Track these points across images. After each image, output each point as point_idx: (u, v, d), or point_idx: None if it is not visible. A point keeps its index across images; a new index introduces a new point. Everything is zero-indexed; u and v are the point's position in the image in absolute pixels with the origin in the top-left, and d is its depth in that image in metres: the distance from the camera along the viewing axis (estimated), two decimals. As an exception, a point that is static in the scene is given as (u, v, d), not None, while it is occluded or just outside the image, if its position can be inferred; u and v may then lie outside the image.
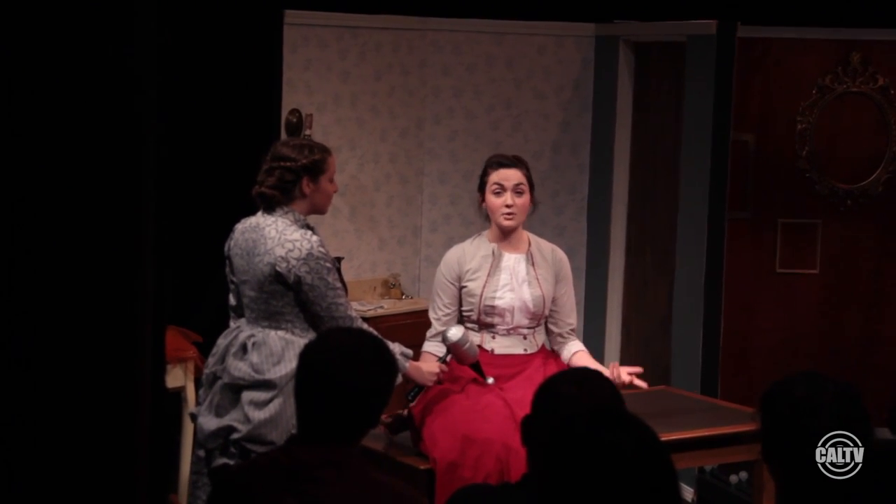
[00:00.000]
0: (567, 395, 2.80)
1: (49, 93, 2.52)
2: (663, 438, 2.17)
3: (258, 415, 4.18)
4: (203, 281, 5.80)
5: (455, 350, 4.49)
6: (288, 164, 4.26)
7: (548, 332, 4.79)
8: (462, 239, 4.94)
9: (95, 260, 2.57)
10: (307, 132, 6.58)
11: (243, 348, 4.28)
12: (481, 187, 4.69)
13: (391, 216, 7.03)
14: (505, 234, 4.67)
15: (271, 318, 4.26)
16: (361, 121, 6.86)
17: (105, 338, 2.60)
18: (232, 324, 4.49)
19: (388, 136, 6.97)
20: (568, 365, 4.66)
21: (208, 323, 5.65)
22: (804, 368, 2.75)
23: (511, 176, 4.62)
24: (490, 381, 4.53)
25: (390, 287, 6.98)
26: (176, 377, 5.36)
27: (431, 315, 4.73)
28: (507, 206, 4.60)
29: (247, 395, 4.22)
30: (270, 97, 6.37)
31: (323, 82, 6.67)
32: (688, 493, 6.15)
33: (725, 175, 6.23)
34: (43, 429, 2.53)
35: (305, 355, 2.99)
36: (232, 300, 4.50)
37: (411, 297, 6.99)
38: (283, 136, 6.44)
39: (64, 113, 2.53)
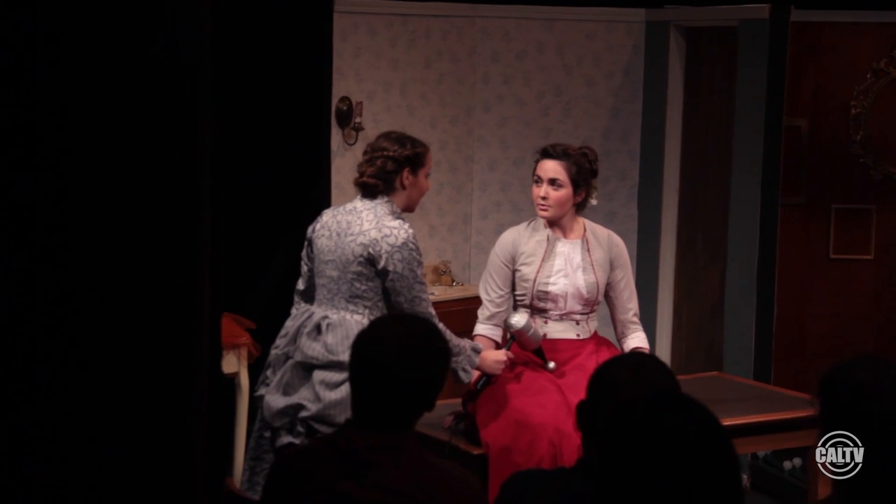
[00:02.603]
0: (623, 380, 2.79)
1: (107, 82, 2.53)
2: (716, 424, 2.15)
3: (329, 395, 4.19)
4: (255, 267, 5.83)
5: (519, 337, 4.48)
6: (391, 153, 4.30)
7: (613, 321, 4.76)
8: (512, 225, 4.93)
9: (155, 250, 2.59)
10: (357, 120, 6.59)
11: (317, 329, 4.29)
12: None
13: (441, 204, 7.04)
14: (556, 221, 4.65)
15: (351, 301, 4.27)
16: (411, 108, 6.86)
17: (164, 325, 2.62)
18: (295, 309, 4.50)
19: (437, 123, 6.97)
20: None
21: (260, 309, 5.69)
22: (858, 354, 2.72)
23: (549, 168, 4.58)
24: (551, 365, 4.52)
25: (441, 274, 6.99)
26: (230, 363, 5.40)
27: (483, 296, 4.71)
28: (542, 199, 4.58)
29: (318, 375, 4.23)
30: (320, 85, 6.38)
31: (373, 70, 6.68)
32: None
33: (778, 161, 6.19)
34: (104, 416, 2.55)
35: (358, 344, 2.99)
36: (301, 284, 4.51)
37: (462, 284, 7.00)
38: (334, 124, 6.45)
39: (120, 101, 2.55)
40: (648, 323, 7.00)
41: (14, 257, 2.45)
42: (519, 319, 4.46)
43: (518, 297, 4.67)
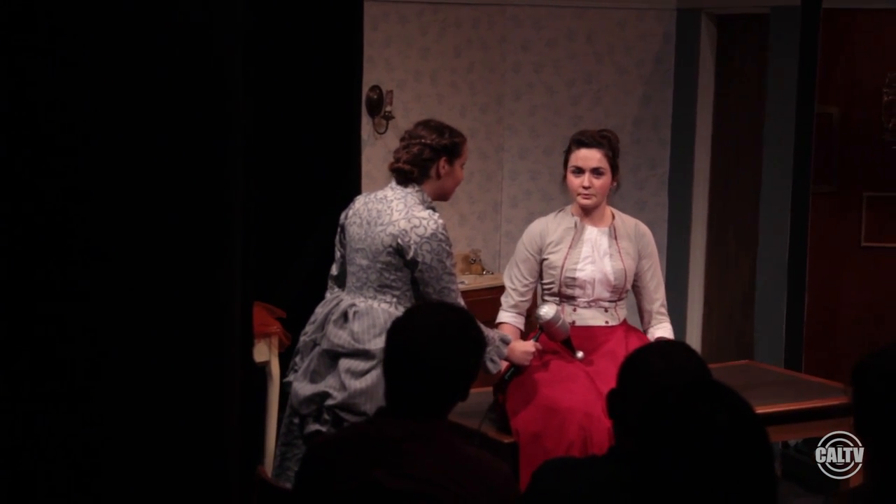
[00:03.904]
0: (655, 368, 2.79)
1: (139, 73, 2.55)
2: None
3: (355, 384, 4.19)
4: (285, 257, 5.85)
5: (548, 328, 4.49)
6: (428, 141, 4.29)
7: (640, 311, 4.76)
8: (542, 214, 4.94)
9: (188, 240, 2.60)
10: (387, 109, 6.60)
11: (344, 316, 4.30)
12: (565, 164, 4.68)
13: (471, 192, 7.04)
14: (587, 210, 4.66)
15: (379, 290, 4.27)
16: (441, 97, 6.86)
17: (197, 315, 2.64)
18: (329, 294, 4.51)
19: (467, 112, 6.97)
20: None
21: (291, 298, 5.70)
22: (891, 342, 2.70)
23: (590, 157, 4.58)
24: (580, 355, 4.52)
25: (471, 262, 6.99)
26: (261, 352, 5.42)
27: (508, 284, 4.71)
28: (584, 188, 4.59)
29: (344, 363, 4.24)
30: (351, 74, 6.38)
31: (403, 59, 6.68)
32: (771, 468, 6.11)
33: (809, 148, 6.16)
34: (137, 405, 2.57)
35: (392, 332, 3.01)
36: (334, 270, 4.52)
37: (492, 273, 7.00)
38: (364, 112, 6.46)
39: (152, 92, 2.56)
40: (678, 311, 6.99)
41: (50, 249, 2.47)
42: (548, 311, 4.47)
43: (546, 285, 4.68)
